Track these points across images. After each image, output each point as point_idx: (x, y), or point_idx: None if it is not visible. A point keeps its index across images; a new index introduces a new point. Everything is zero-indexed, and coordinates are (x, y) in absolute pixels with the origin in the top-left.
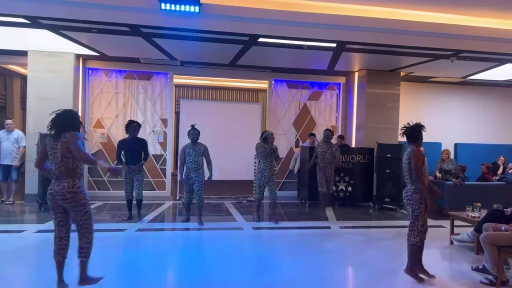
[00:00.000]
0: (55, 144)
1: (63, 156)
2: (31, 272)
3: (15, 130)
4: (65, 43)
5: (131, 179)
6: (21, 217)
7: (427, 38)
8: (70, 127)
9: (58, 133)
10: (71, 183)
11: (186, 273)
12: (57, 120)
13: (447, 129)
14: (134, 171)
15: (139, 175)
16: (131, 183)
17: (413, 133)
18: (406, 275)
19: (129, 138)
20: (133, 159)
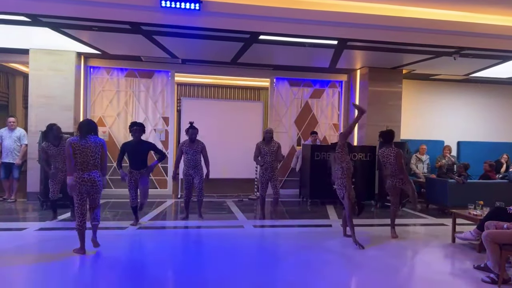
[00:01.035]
0: (83, 143)
1: (95, 154)
2: (32, 270)
3: (17, 128)
4: (66, 41)
5: (136, 184)
6: (23, 215)
7: (430, 35)
8: (92, 131)
9: (84, 136)
10: (98, 173)
11: (186, 270)
12: (82, 127)
13: (450, 127)
14: (144, 175)
15: (144, 181)
16: (135, 189)
17: (388, 136)
18: (406, 273)
19: (132, 141)
20: (136, 164)
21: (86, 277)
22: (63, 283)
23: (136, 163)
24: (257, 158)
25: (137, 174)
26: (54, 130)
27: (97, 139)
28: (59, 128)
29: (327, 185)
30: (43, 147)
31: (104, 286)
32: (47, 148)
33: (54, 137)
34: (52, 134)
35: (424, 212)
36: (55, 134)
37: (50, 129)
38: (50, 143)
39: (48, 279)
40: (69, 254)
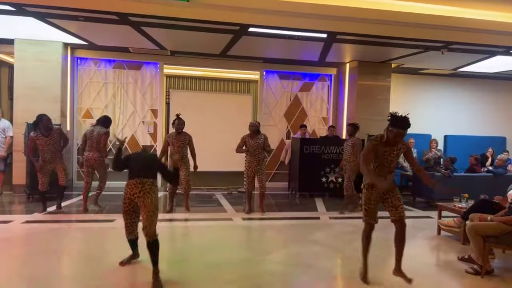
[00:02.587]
0: (93, 132)
1: (97, 140)
2: (18, 263)
3: (1, 120)
4: (52, 32)
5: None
6: (9, 207)
7: (418, 29)
8: (105, 124)
9: (96, 126)
10: (99, 153)
11: (173, 263)
12: (99, 120)
13: (437, 121)
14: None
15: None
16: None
17: (356, 130)
18: (392, 265)
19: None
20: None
21: (70, 270)
22: (49, 275)
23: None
24: (240, 148)
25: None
26: (45, 121)
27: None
28: (49, 119)
29: (316, 178)
30: (32, 136)
31: (88, 279)
32: (36, 138)
33: (44, 127)
34: (43, 124)
35: (411, 205)
36: (45, 124)
37: (41, 120)
38: (39, 133)
39: (34, 271)
40: (55, 247)
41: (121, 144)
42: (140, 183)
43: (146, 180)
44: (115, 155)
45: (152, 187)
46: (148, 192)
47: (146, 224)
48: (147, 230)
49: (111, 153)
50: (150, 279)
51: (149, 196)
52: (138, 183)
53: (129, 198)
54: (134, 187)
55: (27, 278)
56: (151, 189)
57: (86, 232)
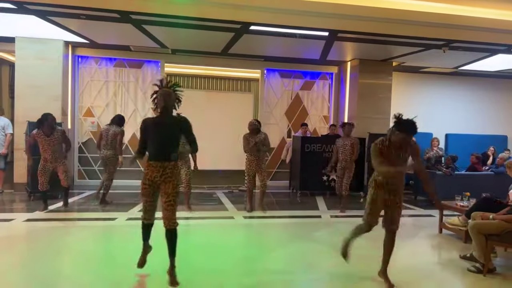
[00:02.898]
0: (108, 131)
1: (112, 138)
2: (19, 261)
3: (1, 118)
4: (53, 30)
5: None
6: (10, 206)
7: (419, 27)
8: (120, 123)
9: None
10: (113, 151)
11: (175, 260)
12: (114, 120)
13: (438, 119)
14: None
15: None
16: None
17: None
18: (394, 263)
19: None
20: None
21: (72, 268)
22: (51, 273)
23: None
24: (248, 146)
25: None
26: (49, 120)
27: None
28: (54, 119)
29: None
30: (33, 134)
31: (91, 277)
32: (37, 135)
33: (49, 126)
34: (47, 123)
35: (412, 203)
36: (50, 124)
37: (46, 119)
38: (42, 132)
39: (36, 268)
40: (57, 245)
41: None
42: (161, 167)
43: (167, 164)
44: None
45: (173, 171)
46: (170, 176)
47: (167, 212)
48: (168, 217)
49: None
50: (151, 272)
51: (171, 181)
52: (159, 167)
53: (149, 179)
54: (155, 170)
55: (29, 276)
56: (173, 173)
57: (88, 230)
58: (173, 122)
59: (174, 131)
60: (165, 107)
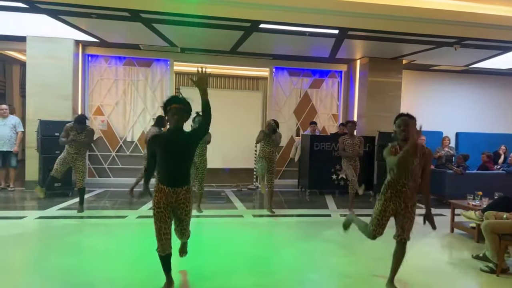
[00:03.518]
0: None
1: None
2: (32, 258)
3: (10, 116)
4: (64, 29)
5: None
6: (22, 203)
7: (431, 25)
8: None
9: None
10: None
11: (185, 259)
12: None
13: (449, 118)
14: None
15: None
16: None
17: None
18: (405, 263)
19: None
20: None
21: (84, 264)
22: (63, 269)
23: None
24: (261, 139)
25: None
26: (83, 119)
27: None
28: (86, 118)
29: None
30: (67, 126)
31: (104, 274)
32: (70, 129)
33: (81, 127)
34: (82, 123)
35: (422, 202)
36: (81, 127)
37: (82, 120)
38: (75, 127)
39: (48, 265)
40: (69, 242)
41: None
42: (174, 192)
43: (180, 190)
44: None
45: (187, 195)
46: (183, 203)
47: (181, 234)
48: (183, 235)
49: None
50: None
51: (185, 207)
52: (172, 193)
53: (164, 203)
54: (168, 195)
55: (42, 272)
56: (186, 198)
57: (99, 228)
58: (186, 141)
59: (189, 151)
60: (178, 125)
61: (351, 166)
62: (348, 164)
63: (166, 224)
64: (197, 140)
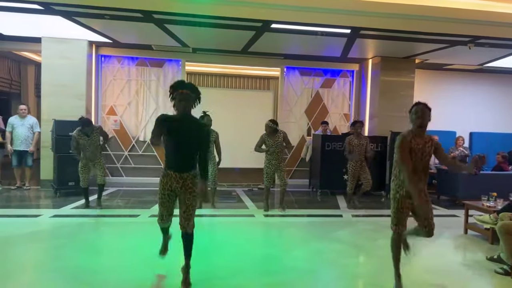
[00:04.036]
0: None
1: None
2: (48, 255)
3: (28, 116)
4: (78, 30)
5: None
6: (37, 202)
7: (444, 23)
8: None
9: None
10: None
11: (196, 258)
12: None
13: (462, 117)
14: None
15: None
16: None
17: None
18: (418, 264)
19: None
20: (181, 164)
21: (99, 263)
22: (78, 267)
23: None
24: (259, 147)
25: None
26: (88, 122)
27: None
28: (90, 121)
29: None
30: (74, 136)
31: (118, 273)
32: (78, 137)
33: (89, 128)
34: (88, 127)
35: (435, 203)
36: (90, 125)
37: (86, 123)
38: (81, 133)
39: (62, 263)
40: (83, 240)
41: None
42: (181, 178)
43: (187, 175)
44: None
45: (194, 180)
46: (191, 187)
47: (185, 220)
48: (185, 224)
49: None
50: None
51: (191, 191)
52: (178, 178)
53: (169, 189)
54: (174, 180)
55: (57, 271)
56: (193, 183)
57: (112, 227)
58: (195, 128)
59: (196, 139)
60: (185, 111)
61: (357, 169)
62: (354, 165)
63: (169, 209)
64: (203, 134)
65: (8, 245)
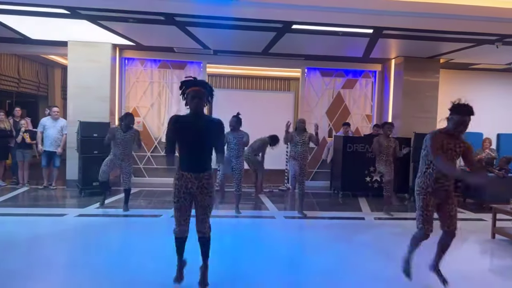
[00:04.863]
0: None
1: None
2: (73, 254)
3: (60, 118)
4: (102, 33)
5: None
6: (63, 201)
7: (471, 22)
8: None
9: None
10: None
11: (217, 259)
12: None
13: (489, 118)
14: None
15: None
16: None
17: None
18: (444, 269)
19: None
20: (196, 163)
21: (123, 261)
22: (105, 265)
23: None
24: (287, 140)
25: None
26: (129, 118)
27: None
28: (132, 119)
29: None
30: (113, 128)
31: (143, 273)
32: (115, 130)
33: (127, 124)
34: (127, 121)
35: (461, 206)
36: (129, 121)
37: (126, 117)
38: (120, 128)
39: (88, 261)
40: (108, 239)
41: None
42: (197, 178)
43: (203, 175)
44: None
45: (210, 181)
46: (206, 188)
47: (201, 224)
48: (203, 228)
49: None
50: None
51: (208, 193)
52: (194, 178)
53: (184, 192)
54: (190, 181)
55: (83, 268)
56: (209, 183)
57: (135, 226)
58: (208, 126)
59: (210, 137)
60: (198, 110)
61: (388, 169)
62: (383, 165)
63: (186, 213)
64: (217, 134)
65: (36, 243)
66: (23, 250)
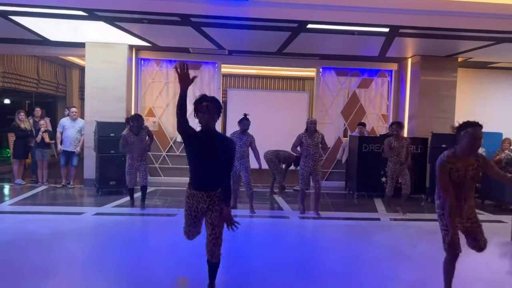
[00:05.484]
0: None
1: None
2: (90, 252)
3: (79, 119)
4: (119, 35)
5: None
6: (80, 200)
7: (489, 20)
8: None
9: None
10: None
11: (232, 260)
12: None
13: (509, 118)
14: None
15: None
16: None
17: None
18: (461, 272)
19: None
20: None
21: (139, 259)
22: (119, 264)
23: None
24: (295, 148)
25: None
26: (139, 120)
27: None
28: (142, 120)
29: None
30: (124, 135)
31: (161, 271)
32: (128, 136)
33: (138, 126)
34: (137, 123)
35: (480, 208)
36: (139, 124)
37: (136, 119)
38: (131, 132)
39: (104, 258)
40: (125, 237)
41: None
42: (208, 196)
43: (214, 193)
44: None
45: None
46: (218, 205)
47: (211, 245)
48: (212, 251)
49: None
50: None
51: (218, 209)
52: (205, 197)
53: (195, 210)
54: (201, 200)
55: (100, 266)
56: (220, 201)
57: (152, 225)
58: (221, 145)
59: (222, 155)
60: (209, 126)
61: (397, 171)
62: (394, 167)
63: (196, 228)
64: (228, 154)
65: (55, 241)
66: (45, 248)
